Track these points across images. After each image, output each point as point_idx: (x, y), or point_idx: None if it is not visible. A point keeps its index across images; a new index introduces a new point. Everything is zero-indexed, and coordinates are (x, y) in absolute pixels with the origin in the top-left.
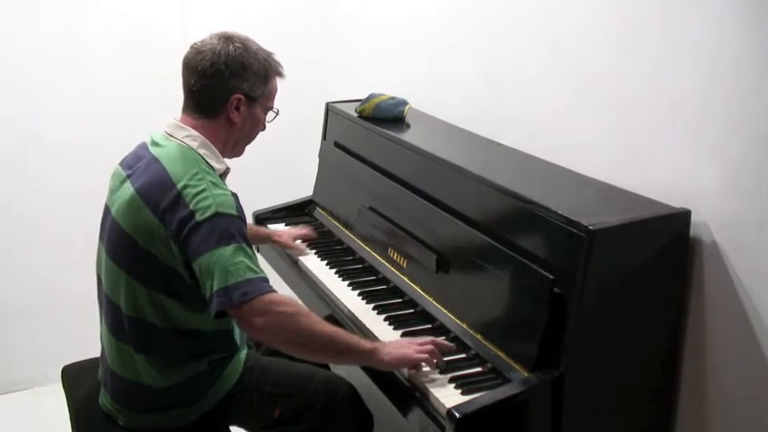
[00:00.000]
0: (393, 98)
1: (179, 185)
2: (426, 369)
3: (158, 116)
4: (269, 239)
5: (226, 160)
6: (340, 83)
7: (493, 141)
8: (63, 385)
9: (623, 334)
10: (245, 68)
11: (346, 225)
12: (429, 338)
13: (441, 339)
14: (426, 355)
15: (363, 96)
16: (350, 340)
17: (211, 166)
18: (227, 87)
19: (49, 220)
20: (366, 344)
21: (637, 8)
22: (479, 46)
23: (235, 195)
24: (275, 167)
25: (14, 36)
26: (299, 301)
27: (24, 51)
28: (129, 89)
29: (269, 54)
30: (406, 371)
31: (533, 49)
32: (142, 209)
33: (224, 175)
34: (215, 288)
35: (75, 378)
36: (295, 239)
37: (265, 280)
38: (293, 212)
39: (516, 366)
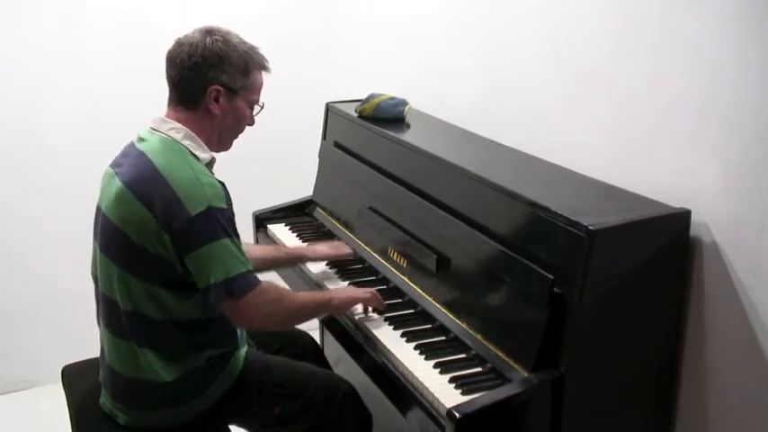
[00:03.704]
0: (393, 98)
1: (167, 177)
2: (371, 315)
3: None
4: (304, 259)
5: (214, 154)
6: (340, 83)
7: (493, 141)
8: (63, 385)
9: (623, 334)
10: (223, 60)
11: (346, 225)
12: (371, 290)
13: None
14: (369, 295)
15: (363, 96)
16: (316, 301)
17: (196, 157)
18: (205, 79)
19: (49, 220)
20: (325, 296)
21: (637, 8)
22: (479, 46)
23: (222, 183)
24: (275, 167)
25: (14, 36)
26: (276, 283)
27: (24, 51)
28: (129, 89)
29: (251, 48)
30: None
31: (533, 49)
32: (132, 202)
33: (210, 165)
34: (212, 281)
35: (75, 378)
36: (332, 248)
37: (252, 271)
38: (293, 212)
39: (516, 366)
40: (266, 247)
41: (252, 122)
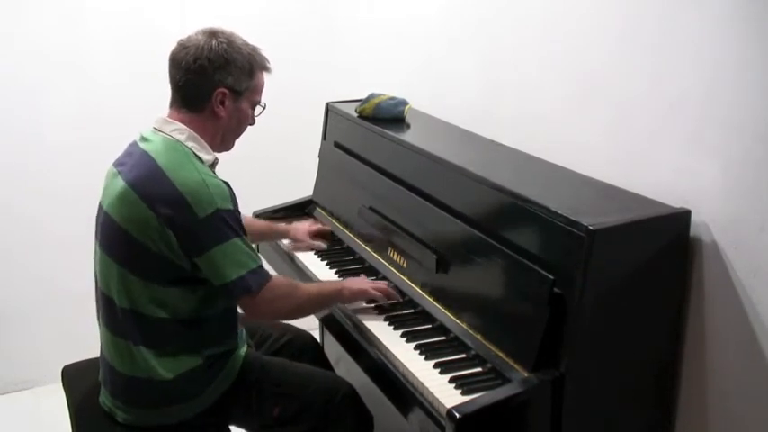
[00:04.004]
0: (393, 98)
1: (171, 177)
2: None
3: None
4: (286, 235)
5: (217, 155)
6: (340, 83)
7: (493, 141)
8: (63, 385)
9: (623, 334)
10: (229, 63)
11: (346, 225)
12: (384, 282)
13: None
14: (380, 294)
15: (363, 96)
16: (328, 292)
17: (200, 158)
18: (212, 82)
19: (49, 220)
20: (336, 286)
21: (637, 8)
22: (479, 46)
23: (227, 184)
24: (275, 167)
25: (14, 36)
26: (287, 277)
27: (24, 51)
28: (129, 89)
29: (254, 49)
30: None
31: (533, 49)
32: (136, 202)
33: (213, 166)
34: (228, 279)
35: (75, 378)
36: (312, 236)
37: (263, 266)
38: (293, 212)
39: (516, 366)
40: (258, 222)
41: (252, 122)
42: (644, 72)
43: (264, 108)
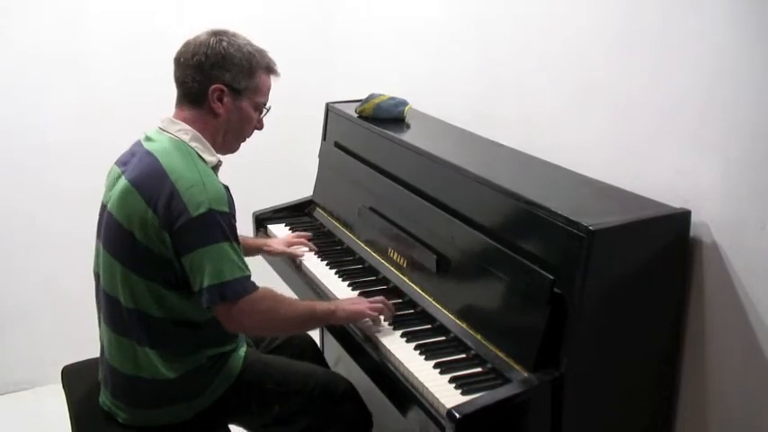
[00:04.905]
0: (393, 98)
1: (172, 177)
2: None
3: (159, 116)
4: (260, 251)
5: (220, 157)
6: (340, 83)
7: (493, 141)
8: (63, 385)
9: (623, 334)
10: (226, 59)
11: (346, 225)
12: (380, 297)
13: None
14: (376, 313)
15: (363, 96)
16: (316, 311)
17: (203, 160)
18: (208, 77)
19: (49, 220)
20: (328, 306)
21: (637, 8)
22: (479, 46)
23: (227, 188)
24: (276, 167)
25: (15, 36)
26: (274, 289)
27: (25, 51)
28: (131, 89)
29: (258, 50)
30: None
31: (533, 49)
32: (136, 200)
33: (216, 168)
34: (206, 284)
35: (75, 378)
36: (288, 245)
37: (250, 277)
38: (293, 212)
39: (516, 366)
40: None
41: (260, 126)
42: (644, 72)
43: (269, 110)
